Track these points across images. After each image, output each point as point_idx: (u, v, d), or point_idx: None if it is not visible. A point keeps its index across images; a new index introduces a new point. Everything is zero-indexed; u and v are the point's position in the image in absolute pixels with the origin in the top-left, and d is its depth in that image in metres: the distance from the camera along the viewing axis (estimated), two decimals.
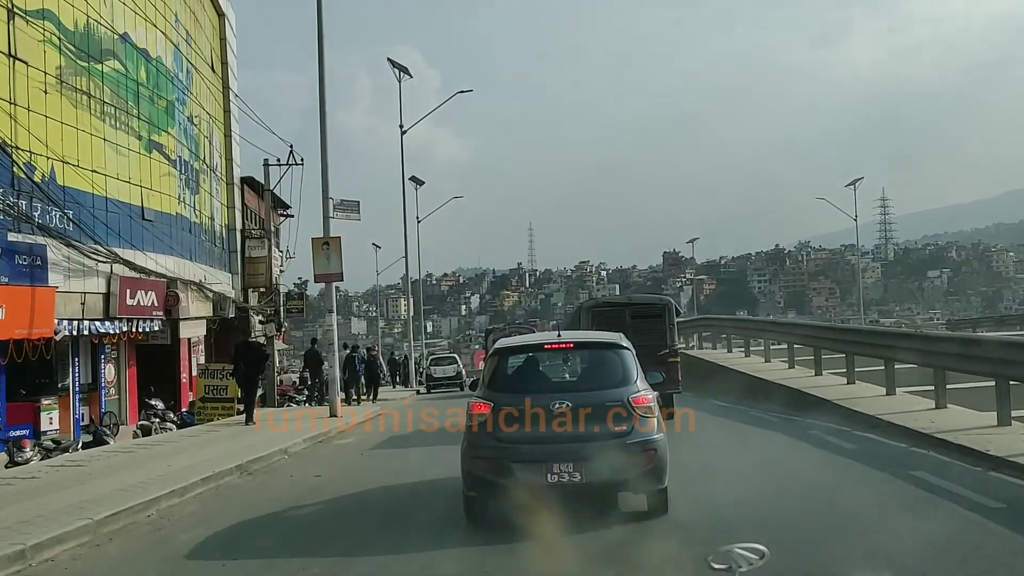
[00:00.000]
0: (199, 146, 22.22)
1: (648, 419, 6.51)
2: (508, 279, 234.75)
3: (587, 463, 6.28)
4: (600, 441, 6.33)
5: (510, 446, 6.46)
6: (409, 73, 34.06)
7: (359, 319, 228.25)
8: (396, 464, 10.48)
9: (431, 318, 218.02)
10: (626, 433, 6.41)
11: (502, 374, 7.00)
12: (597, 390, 6.66)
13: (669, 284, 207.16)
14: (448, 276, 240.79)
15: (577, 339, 7.65)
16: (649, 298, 16.51)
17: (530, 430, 6.43)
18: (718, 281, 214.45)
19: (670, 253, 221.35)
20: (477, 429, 6.62)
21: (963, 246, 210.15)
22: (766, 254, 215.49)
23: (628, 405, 6.48)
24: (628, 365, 6.85)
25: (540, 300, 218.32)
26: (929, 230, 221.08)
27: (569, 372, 7.69)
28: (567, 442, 6.37)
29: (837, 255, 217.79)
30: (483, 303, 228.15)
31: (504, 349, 7.25)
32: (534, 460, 6.37)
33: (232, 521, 7.48)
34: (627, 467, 6.32)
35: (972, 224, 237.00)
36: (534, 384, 6.99)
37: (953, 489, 7.11)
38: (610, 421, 6.42)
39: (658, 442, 6.47)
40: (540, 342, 7.53)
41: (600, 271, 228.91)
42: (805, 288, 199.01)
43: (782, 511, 6.61)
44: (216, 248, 24.49)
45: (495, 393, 6.78)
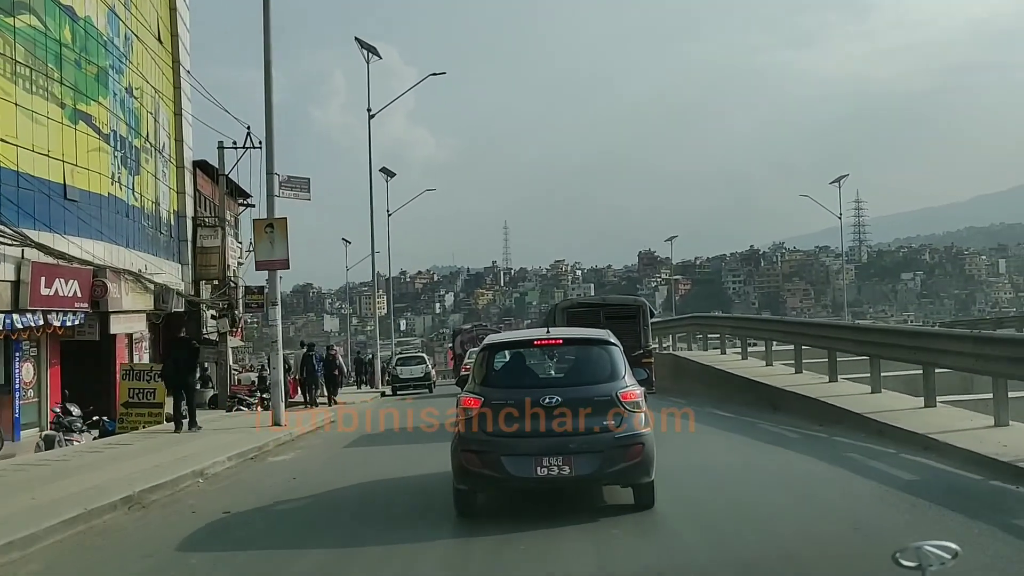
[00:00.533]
0: (140, 122, 19.96)
1: (635, 414, 6.61)
2: (483, 277, 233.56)
3: (576, 457, 6.40)
4: (588, 435, 6.45)
5: (500, 440, 6.51)
6: (378, 54, 32.01)
7: (332, 316, 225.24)
8: (336, 497, 8.40)
9: (405, 316, 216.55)
10: (614, 427, 6.50)
11: (492, 370, 7.07)
12: (585, 385, 6.74)
13: (644, 284, 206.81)
14: (422, 274, 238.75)
15: (566, 335, 7.68)
16: (623, 299, 16.65)
17: (520, 425, 6.50)
18: (693, 281, 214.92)
19: (645, 253, 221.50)
20: (467, 424, 6.68)
21: (936, 249, 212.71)
22: (741, 255, 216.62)
23: (616, 400, 6.57)
24: (616, 361, 6.93)
25: (515, 299, 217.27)
26: (901, 233, 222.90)
27: (558, 368, 7.79)
28: (556, 436, 6.44)
29: (812, 256, 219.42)
30: (457, 301, 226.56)
31: (494, 345, 7.31)
32: (524, 454, 6.44)
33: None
34: (615, 461, 6.42)
35: (944, 227, 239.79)
36: (524, 380, 7.11)
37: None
38: (598, 416, 6.51)
39: (645, 436, 6.56)
40: (530, 338, 7.54)
41: (575, 270, 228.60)
42: (779, 289, 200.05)
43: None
44: (162, 236, 22.25)
45: (485, 388, 6.85)
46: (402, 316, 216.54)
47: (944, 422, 9.15)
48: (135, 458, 10.72)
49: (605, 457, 6.44)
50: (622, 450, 6.47)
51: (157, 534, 6.94)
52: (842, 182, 51.27)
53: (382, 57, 32.13)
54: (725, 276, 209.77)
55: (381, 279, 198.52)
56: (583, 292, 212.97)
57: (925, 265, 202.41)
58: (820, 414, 11.57)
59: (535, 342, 7.40)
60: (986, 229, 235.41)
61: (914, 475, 7.67)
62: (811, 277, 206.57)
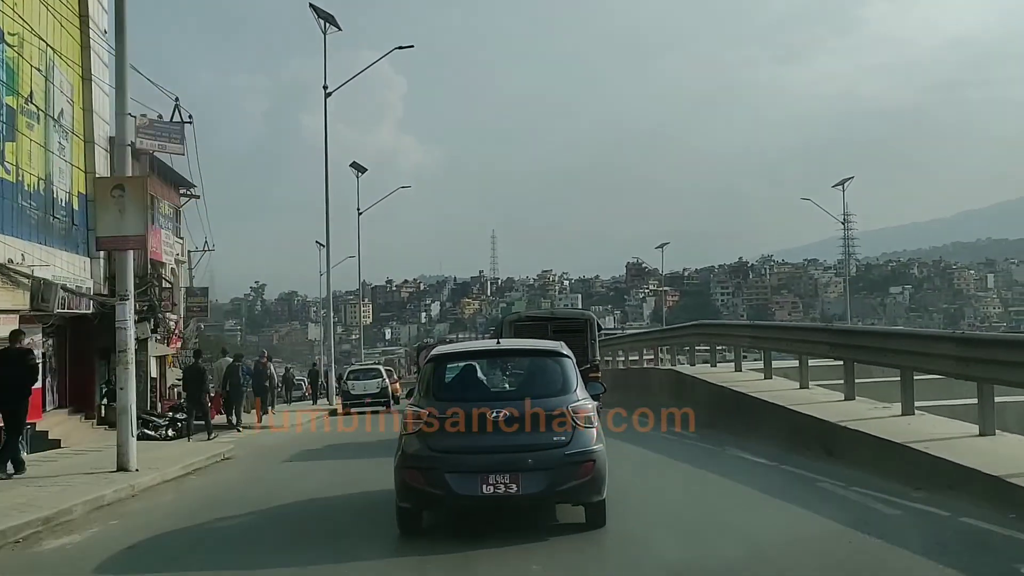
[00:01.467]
0: (17, 77, 16.06)
1: (588, 429, 6.38)
2: (469, 287, 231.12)
3: (524, 474, 6.17)
4: (538, 451, 6.22)
5: (444, 456, 6.27)
6: (337, 25, 28.23)
7: (316, 325, 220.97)
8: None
9: (390, 325, 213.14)
10: (565, 443, 6.27)
11: (439, 382, 6.79)
12: (536, 399, 6.45)
13: (632, 295, 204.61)
14: (408, 283, 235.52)
15: (517, 347, 7.83)
16: (571, 313, 16.78)
17: (466, 440, 6.28)
18: (681, 293, 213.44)
19: (633, 264, 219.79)
20: (411, 438, 6.43)
21: (924, 263, 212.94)
22: (730, 266, 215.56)
23: (567, 414, 6.35)
24: (568, 374, 6.70)
25: (501, 308, 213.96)
26: (887, 247, 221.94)
27: (508, 380, 7.60)
28: (504, 452, 6.23)
29: (800, 269, 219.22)
30: (444, 311, 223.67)
31: (442, 356, 7.02)
32: (469, 471, 6.21)
33: None
34: (565, 478, 6.20)
35: (930, 242, 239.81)
36: (471, 392, 6.82)
37: None
38: (549, 431, 6.28)
39: (597, 453, 6.34)
40: (479, 349, 7.60)
41: (563, 280, 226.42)
42: (768, 302, 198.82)
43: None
44: (56, 221, 18.33)
45: (431, 401, 6.58)
46: (387, 325, 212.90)
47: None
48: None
49: (555, 474, 6.22)
50: (573, 467, 6.24)
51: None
52: (846, 185, 47.73)
53: (341, 28, 28.40)
54: (714, 288, 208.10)
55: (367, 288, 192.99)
56: (571, 302, 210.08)
57: (914, 279, 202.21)
58: (909, 467, 7.81)
59: (485, 353, 7.30)
60: (972, 244, 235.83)
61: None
62: (800, 290, 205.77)
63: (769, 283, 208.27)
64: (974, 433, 8.27)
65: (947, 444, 7.89)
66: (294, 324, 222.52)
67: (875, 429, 8.86)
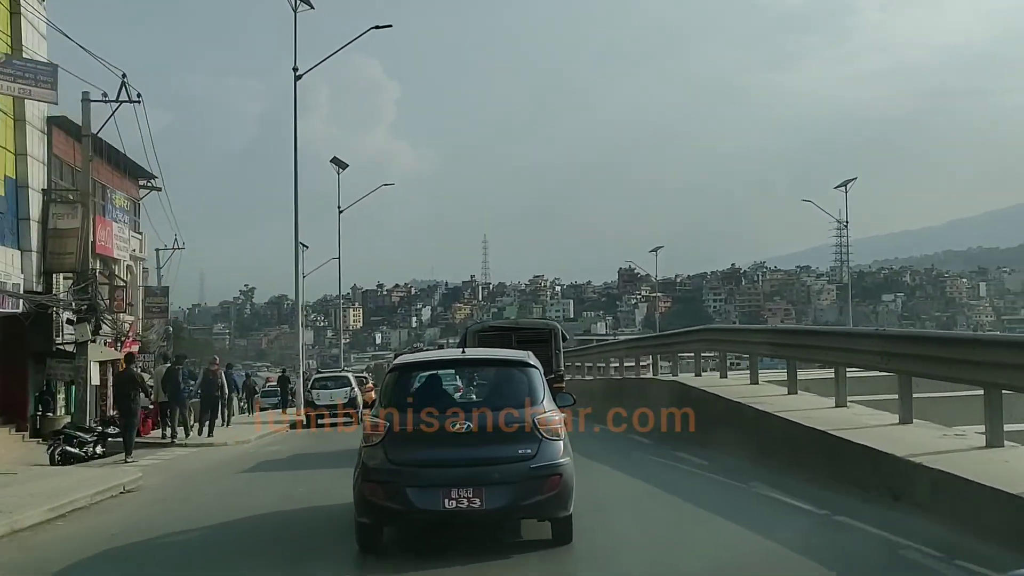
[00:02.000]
0: None
1: (554, 442, 6.22)
2: (461, 292, 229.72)
3: (488, 488, 5.98)
4: (502, 465, 6.06)
5: (405, 470, 6.07)
6: (309, 3, 25.98)
7: (307, 329, 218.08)
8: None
9: (380, 329, 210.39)
10: (530, 456, 6.10)
11: (401, 392, 6.62)
12: (501, 410, 6.29)
13: (624, 301, 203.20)
14: (399, 287, 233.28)
15: (482, 356, 7.58)
16: (535, 323, 16.80)
17: (427, 452, 6.13)
18: (674, 299, 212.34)
19: (626, 270, 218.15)
20: (371, 451, 6.24)
21: (917, 271, 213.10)
22: (722, 273, 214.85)
23: (533, 426, 6.18)
24: (535, 384, 6.53)
25: (492, 313, 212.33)
26: (879, 255, 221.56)
27: (473, 391, 7.63)
28: (467, 466, 6.06)
29: (793, 276, 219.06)
30: (435, 315, 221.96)
31: (404, 365, 6.93)
32: (431, 485, 6.02)
33: None
34: (530, 493, 6.02)
35: (921, 250, 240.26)
36: (434, 403, 6.49)
37: None
38: (514, 443, 6.12)
39: (564, 466, 6.16)
40: (443, 358, 7.43)
41: (555, 286, 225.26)
42: (760, 308, 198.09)
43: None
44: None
45: (392, 412, 6.38)
46: (378, 329, 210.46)
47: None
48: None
49: (519, 489, 6.01)
50: (538, 481, 6.04)
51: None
52: (849, 186, 45.64)
53: (313, 7, 26.15)
54: (706, 294, 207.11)
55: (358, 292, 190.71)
56: (562, 308, 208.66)
57: (906, 287, 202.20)
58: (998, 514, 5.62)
59: (449, 363, 7.29)
60: (963, 253, 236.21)
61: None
62: (792, 296, 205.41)
63: (762, 290, 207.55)
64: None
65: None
66: (284, 328, 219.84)
67: (963, 468, 6.64)
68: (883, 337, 9.28)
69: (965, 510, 6.20)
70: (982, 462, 6.86)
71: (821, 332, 12.83)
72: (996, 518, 5.85)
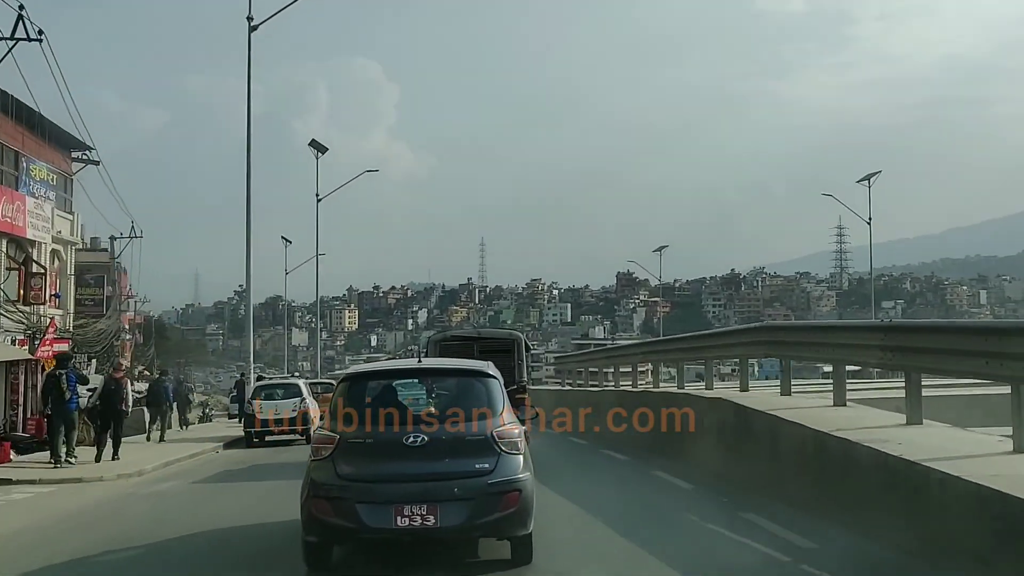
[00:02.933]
0: None
1: (513, 456, 6.00)
2: (458, 294, 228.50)
3: (443, 505, 5.77)
4: (458, 480, 5.83)
5: (355, 485, 5.83)
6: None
7: (301, 330, 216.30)
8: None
9: (376, 331, 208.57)
10: (488, 471, 5.88)
11: (352, 403, 6.30)
12: (458, 423, 6.07)
13: (622, 305, 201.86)
14: (395, 289, 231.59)
15: (439, 366, 7.40)
16: (498, 332, 16.62)
17: (379, 467, 5.92)
18: (672, 304, 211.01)
19: (624, 274, 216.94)
20: (319, 465, 6.01)
21: (917, 278, 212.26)
22: (721, 278, 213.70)
23: (491, 440, 5.98)
24: (494, 396, 6.33)
25: (489, 317, 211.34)
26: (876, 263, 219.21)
27: (427, 403, 6.93)
28: (421, 481, 5.82)
29: (792, 282, 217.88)
30: (431, 318, 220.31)
31: (356, 375, 6.79)
32: (382, 502, 5.80)
33: None
34: (487, 510, 5.81)
35: (919, 258, 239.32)
36: (388, 415, 6.25)
37: None
38: (470, 458, 5.91)
39: (523, 482, 5.95)
40: (398, 368, 7.23)
41: (552, 290, 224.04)
42: (760, 314, 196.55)
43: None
44: None
45: (342, 425, 6.15)
46: (374, 331, 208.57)
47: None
48: None
49: (476, 506, 5.78)
50: (496, 498, 5.81)
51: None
52: (872, 181, 41.90)
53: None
54: (705, 299, 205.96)
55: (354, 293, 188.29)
56: (560, 312, 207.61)
57: (906, 294, 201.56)
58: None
59: (404, 373, 6.93)
60: (962, 261, 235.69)
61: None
62: (792, 303, 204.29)
63: (761, 295, 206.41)
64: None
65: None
66: (278, 329, 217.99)
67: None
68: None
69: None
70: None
71: (957, 327, 8.53)
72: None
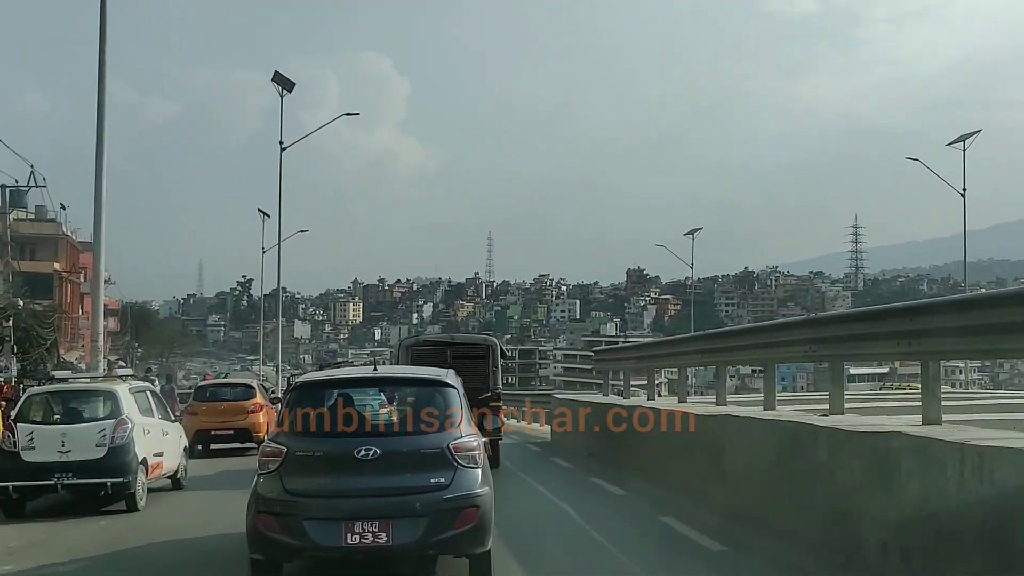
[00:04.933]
0: None
1: (470, 470, 5.73)
2: (464, 289, 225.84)
3: (396, 521, 5.54)
4: (412, 495, 5.62)
5: (303, 500, 5.60)
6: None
7: (303, 323, 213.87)
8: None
9: (380, 325, 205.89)
10: (444, 486, 5.65)
11: (301, 414, 6.01)
12: (413, 435, 5.91)
13: (632, 303, 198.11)
14: (400, 283, 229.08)
15: (394, 374, 7.40)
16: (472, 338, 16.59)
17: (329, 481, 5.68)
18: (683, 302, 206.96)
19: (634, 270, 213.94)
20: (265, 479, 5.77)
21: (934, 280, 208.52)
22: (734, 276, 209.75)
23: (448, 452, 5.73)
24: (452, 406, 6.06)
25: (496, 312, 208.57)
26: (887, 265, 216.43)
27: (383, 413, 6.84)
28: (373, 496, 5.60)
29: (806, 282, 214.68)
30: (436, 312, 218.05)
31: (307, 384, 6.45)
32: (331, 518, 5.56)
33: None
34: (443, 527, 5.58)
35: (930, 261, 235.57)
36: (338, 427, 5.94)
37: None
38: (425, 472, 5.67)
39: (481, 497, 5.72)
40: (350, 376, 7.01)
41: (560, 286, 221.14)
42: (774, 314, 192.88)
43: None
44: None
45: (290, 436, 5.90)
46: (378, 325, 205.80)
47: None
48: None
49: (431, 522, 5.55)
50: (452, 514, 5.59)
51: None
52: (967, 143, 34.89)
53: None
54: (718, 298, 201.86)
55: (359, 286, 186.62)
56: (568, 308, 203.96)
57: (923, 295, 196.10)
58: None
59: (357, 381, 6.77)
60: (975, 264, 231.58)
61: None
62: (806, 303, 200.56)
63: (775, 295, 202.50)
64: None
65: None
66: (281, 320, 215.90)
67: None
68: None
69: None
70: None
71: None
72: None
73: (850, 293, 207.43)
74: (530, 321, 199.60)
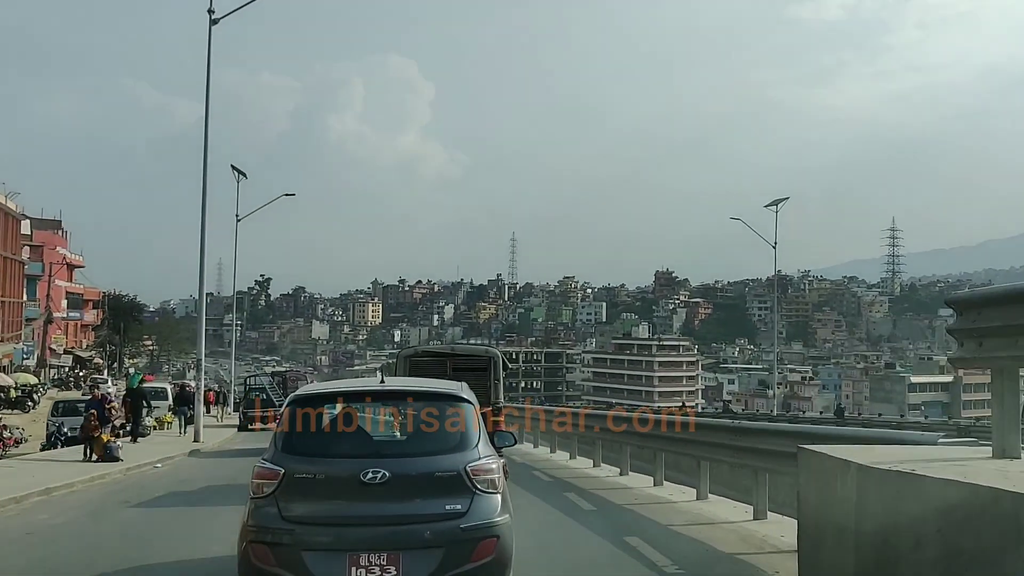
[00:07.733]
0: None
1: (490, 495, 5.09)
2: (486, 291, 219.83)
3: (406, 554, 4.86)
4: (425, 524, 4.94)
5: (302, 528, 4.93)
6: None
7: (322, 323, 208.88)
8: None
9: (400, 326, 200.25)
10: (461, 514, 4.98)
11: (299, 432, 5.33)
12: (426, 455, 5.19)
13: (661, 306, 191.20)
14: (421, 284, 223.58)
15: (405, 388, 6.28)
16: (474, 349, 16.41)
17: (331, 508, 5.02)
18: (714, 306, 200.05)
19: (663, 273, 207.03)
20: (260, 505, 5.06)
21: (975, 285, 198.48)
22: (767, 280, 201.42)
23: (465, 476, 5.05)
24: (469, 424, 5.37)
25: (519, 315, 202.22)
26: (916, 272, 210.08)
27: (390, 432, 6.47)
28: (380, 524, 4.94)
29: (841, 286, 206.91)
30: (457, 314, 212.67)
31: (306, 397, 5.61)
32: (334, 549, 4.90)
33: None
34: (459, 560, 4.88)
35: (959, 268, 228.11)
36: (343, 446, 5.39)
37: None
38: (439, 497, 5.00)
39: (501, 526, 5.03)
40: (356, 390, 6.02)
41: (585, 288, 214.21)
42: (809, 319, 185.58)
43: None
44: None
45: (289, 457, 5.17)
46: (397, 326, 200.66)
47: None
48: None
49: (446, 554, 4.88)
50: (469, 545, 4.92)
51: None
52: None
53: None
54: (750, 301, 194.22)
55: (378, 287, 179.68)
56: (594, 311, 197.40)
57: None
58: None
59: (363, 395, 5.89)
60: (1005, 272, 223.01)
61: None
62: (841, 307, 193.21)
63: (809, 299, 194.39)
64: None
65: None
66: (298, 321, 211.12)
67: None
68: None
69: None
70: None
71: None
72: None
73: (887, 298, 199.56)
74: (555, 324, 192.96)
